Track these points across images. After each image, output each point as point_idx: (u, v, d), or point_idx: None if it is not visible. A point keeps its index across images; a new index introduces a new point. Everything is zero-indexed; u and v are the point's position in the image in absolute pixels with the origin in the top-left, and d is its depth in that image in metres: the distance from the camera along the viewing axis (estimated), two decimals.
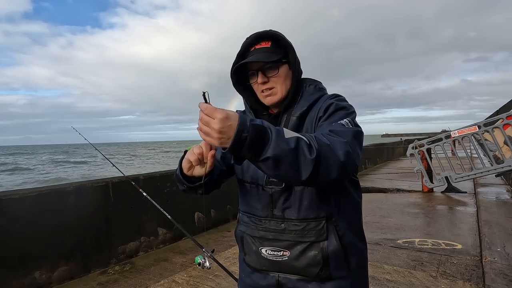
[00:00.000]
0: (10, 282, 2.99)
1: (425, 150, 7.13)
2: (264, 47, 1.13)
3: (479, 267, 3.37)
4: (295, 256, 1.09)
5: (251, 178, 1.17)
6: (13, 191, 3.23)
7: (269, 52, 1.12)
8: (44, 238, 3.27)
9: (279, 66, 1.14)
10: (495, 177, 7.77)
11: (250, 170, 1.18)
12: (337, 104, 1.08)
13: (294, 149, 0.81)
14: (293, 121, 1.13)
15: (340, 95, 1.17)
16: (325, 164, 0.83)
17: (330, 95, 1.17)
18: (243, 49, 1.16)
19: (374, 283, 3.12)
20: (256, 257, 1.17)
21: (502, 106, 10.09)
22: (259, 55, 1.12)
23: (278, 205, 1.11)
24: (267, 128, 0.82)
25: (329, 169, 0.84)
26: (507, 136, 6.00)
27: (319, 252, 1.07)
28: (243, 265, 1.26)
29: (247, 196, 1.20)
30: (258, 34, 1.14)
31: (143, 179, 4.36)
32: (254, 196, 1.17)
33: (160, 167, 34.97)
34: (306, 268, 1.09)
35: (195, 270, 3.57)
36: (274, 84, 1.14)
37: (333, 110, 1.07)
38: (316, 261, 1.08)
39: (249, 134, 0.78)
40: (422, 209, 6.05)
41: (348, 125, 0.99)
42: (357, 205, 1.19)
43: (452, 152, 8.16)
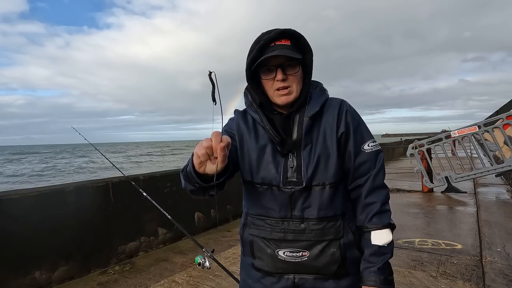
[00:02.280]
0: (10, 282, 2.99)
1: (425, 150, 7.12)
2: (285, 44, 1.10)
3: (479, 267, 3.37)
4: (314, 256, 1.11)
5: (262, 180, 1.15)
6: (13, 191, 3.23)
7: (289, 49, 1.09)
8: (44, 238, 3.27)
9: (298, 66, 1.12)
10: (495, 177, 7.77)
11: (261, 171, 1.15)
12: (354, 117, 1.18)
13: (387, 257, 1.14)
14: (306, 121, 1.13)
15: (346, 102, 1.21)
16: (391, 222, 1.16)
17: (340, 102, 1.19)
18: (264, 43, 1.08)
19: None
20: (271, 261, 1.15)
21: (502, 106, 10.09)
22: (283, 50, 1.07)
23: (297, 205, 1.11)
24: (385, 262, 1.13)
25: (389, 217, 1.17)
26: (507, 136, 6.00)
27: (337, 249, 1.11)
28: (251, 270, 1.22)
29: (259, 198, 1.16)
30: (281, 30, 1.10)
31: (143, 179, 4.36)
32: (268, 198, 1.14)
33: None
34: (325, 267, 1.11)
35: (195, 270, 3.57)
36: (291, 83, 1.12)
37: (355, 127, 1.16)
38: (335, 258, 1.11)
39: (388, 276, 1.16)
40: (422, 209, 6.05)
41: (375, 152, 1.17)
42: None
43: (452, 152, 8.16)
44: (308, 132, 1.13)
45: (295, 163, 1.11)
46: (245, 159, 1.17)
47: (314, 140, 1.13)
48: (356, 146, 1.15)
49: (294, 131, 1.13)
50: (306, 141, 1.12)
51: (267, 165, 1.14)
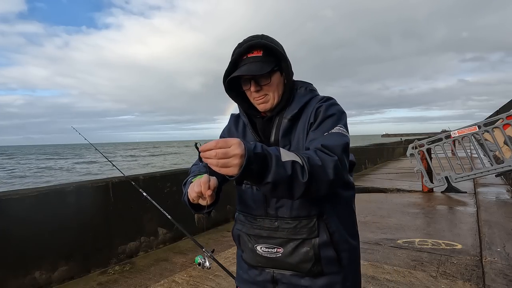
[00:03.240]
0: (10, 282, 2.99)
1: (425, 150, 7.13)
2: (256, 56, 1.14)
3: (479, 267, 3.37)
4: (288, 253, 1.13)
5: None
6: (13, 191, 3.23)
7: (261, 61, 1.13)
8: (44, 238, 3.27)
9: (272, 75, 1.15)
10: (495, 177, 7.77)
11: None
12: (327, 109, 1.13)
13: (290, 175, 0.87)
14: (284, 123, 1.16)
15: (331, 98, 1.20)
16: (315, 184, 0.92)
17: (320, 98, 1.19)
18: (236, 57, 1.15)
19: (374, 283, 3.12)
20: (252, 254, 1.21)
21: (502, 106, 10.09)
22: (252, 66, 1.12)
23: (271, 204, 1.15)
24: (267, 155, 0.86)
25: (319, 187, 0.94)
26: (507, 136, 6.00)
27: (311, 248, 1.11)
28: (241, 262, 1.30)
29: (243, 196, 1.24)
30: (250, 44, 1.13)
31: (143, 179, 4.36)
32: (249, 196, 1.21)
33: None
34: (298, 264, 1.13)
35: (195, 270, 3.57)
36: (267, 91, 1.16)
37: (323, 117, 1.11)
38: (308, 257, 1.11)
39: (255, 164, 0.83)
40: (422, 209, 6.05)
41: (339, 134, 1.05)
42: (348, 203, 1.22)
43: (452, 152, 8.17)
44: (286, 134, 1.16)
45: None
46: None
47: (292, 141, 1.16)
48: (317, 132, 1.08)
49: (272, 133, 1.18)
50: (284, 143, 1.16)
51: None
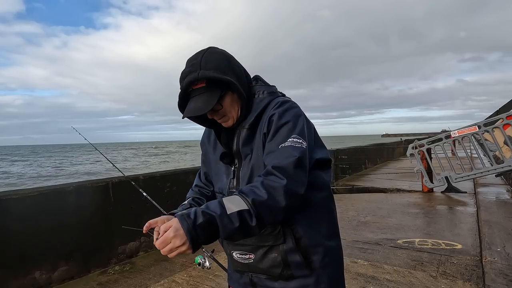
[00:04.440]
0: (10, 282, 2.99)
1: (425, 150, 7.13)
2: (200, 88, 1.12)
3: (479, 267, 3.37)
4: (259, 259, 1.16)
5: (218, 189, 1.30)
6: (13, 191, 3.23)
7: (206, 93, 1.12)
8: (44, 238, 3.27)
9: (222, 100, 1.15)
10: (495, 177, 7.77)
11: (218, 181, 1.29)
12: (280, 117, 1.10)
13: (239, 226, 0.94)
14: (244, 133, 1.18)
15: (286, 102, 1.16)
16: (268, 217, 0.97)
17: (275, 104, 1.15)
18: (182, 92, 1.14)
19: (374, 283, 3.12)
20: (231, 259, 1.27)
21: (502, 106, 10.09)
22: (197, 104, 1.11)
23: None
24: (211, 219, 0.92)
25: (274, 217, 0.99)
26: (507, 136, 6.00)
27: (278, 254, 1.13)
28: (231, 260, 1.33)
29: None
30: (189, 80, 1.11)
31: (143, 179, 4.36)
32: None
33: None
34: (269, 269, 1.16)
35: (195, 270, 3.57)
36: (224, 112, 1.17)
37: (276, 127, 1.09)
38: (276, 262, 1.14)
39: (201, 235, 0.92)
40: (422, 209, 6.05)
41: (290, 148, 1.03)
42: (321, 204, 1.20)
43: (452, 152, 8.17)
44: (247, 143, 1.17)
45: (235, 174, 1.20)
46: (210, 171, 1.35)
47: (253, 149, 1.16)
48: (272, 145, 1.07)
49: (234, 144, 1.20)
50: (245, 152, 1.18)
51: (221, 175, 1.27)
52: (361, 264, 3.57)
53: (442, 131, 7.94)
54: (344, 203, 6.84)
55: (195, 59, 1.14)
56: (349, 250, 3.99)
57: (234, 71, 1.16)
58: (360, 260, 3.66)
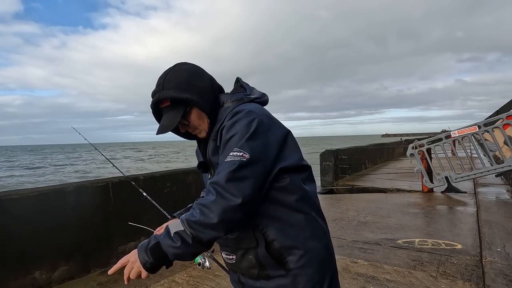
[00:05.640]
0: (10, 282, 2.99)
1: (425, 150, 7.13)
2: (167, 106, 1.23)
3: (479, 267, 3.37)
4: (239, 259, 1.23)
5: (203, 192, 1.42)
6: (13, 191, 3.23)
7: (172, 111, 1.22)
8: (44, 238, 3.27)
9: (188, 117, 1.23)
10: (495, 177, 7.76)
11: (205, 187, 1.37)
12: (228, 130, 1.12)
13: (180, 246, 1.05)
14: (211, 144, 1.22)
15: (240, 111, 1.15)
16: (205, 234, 1.04)
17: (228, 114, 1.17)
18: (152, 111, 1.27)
19: (374, 283, 3.12)
20: (222, 259, 1.34)
21: (502, 106, 10.10)
22: (164, 122, 1.22)
23: None
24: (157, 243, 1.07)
25: (211, 233, 1.05)
26: (507, 136, 6.00)
27: (253, 256, 1.19)
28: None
29: None
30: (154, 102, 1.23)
31: (143, 179, 4.35)
32: None
33: None
34: (248, 270, 1.22)
35: (195, 270, 3.57)
36: (194, 126, 1.26)
37: (224, 141, 1.12)
38: (253, 264, 1.20)
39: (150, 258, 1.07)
40: (422, 209, 6.05)
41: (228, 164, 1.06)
42: (294, 207, 1.18)
43: (452, 152, 8.17)
44: (214, 153, 1.21)
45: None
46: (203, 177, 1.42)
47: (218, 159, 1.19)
48: (220, 161, 1.12)
49: (206, 154, 1.26)
50: (215, 161, 1.21)
51: (206, 183, 1.35)
52: (361, 264, 3.57)
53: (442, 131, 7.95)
54: (344, 203, 6.84)
55: (160, 79, 1.25)
56: (349, 250, 3.99)
57: (195, 86, 1.23)
58: (360, 260, 3.67)
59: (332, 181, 9.88)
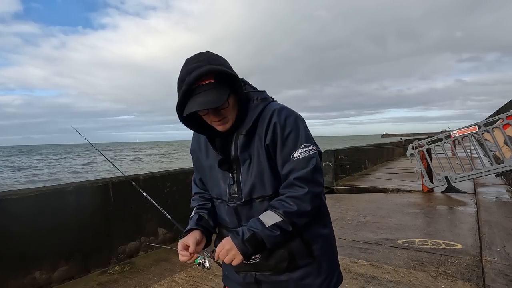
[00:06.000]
0: (10, 282, 2.99)
1: (425, 150, 7.13)
2: (208, 84, 1.09)
3: (479, 267, 3.37)
4: (265, 258, 1.23)
5: (216, 195, 1.32)
6: (13, 191, 3.23)
7: (215, 89, 1.09)
8: (44, 238, 3.27)
9: (228, 99, 1.14)
10: (495, 177, 7.76)
11: (215, 187, 1.31)
12: (283, 127, 1.17)
13: (279, 234, 1.12)
14: (241, 139, 1.20)
15: (283, 109, 1.21)
16: (300, 221, 1.15)
17: (272, 111, 1.20)
18: (187, 88, 1.08)
19: (374, 283, 3.12)
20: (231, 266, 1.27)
21: (502, 106, 10.10)
22: (208, 98, 1.08)
23: (243, 216, 1.25)
24: (255, 234, 1.12)
25: (305, 220, 1.16)
26: (507, 136, 6.00)
27: (286, 250, 1.22)
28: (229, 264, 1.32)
29: (219, 210, 1.35)
30: (200, 72, 1.07)
31: (143, 179, 4.36)
32: (222, 210, 1.31)
33: None
34: (276, 265, 1.24)
35: (195, 270, 3.57)
36: (225, 115, 1.16)
37: (283, 137, 1.16)
38: (283, 258, 1.22)
39: (249, 248, 1.12)
40: (422, 209, 6.05)
41: (305, 159, 1.15)
42: None
43: (452, 152, 8.17)
44: (245, 149, 1.20)
45: (235, 180, 1.24)
46: (205, 177, 1.37)
47: (252, 156, 1.20)
48: (285, 155, 1.17)
49: (231, 150, 1.22)
50: (244, 157, 1.21)
51: (217, 181, 1.29)
52: (361, 264, 3.57)
53: (442, 131, 7.94)
54: (344, 203, 6.84)
55: (201, 56, 1.12)
56: (349, 250, 3.99)
57: (235, 71, 1.17)
58: (360, 260, 3.66)
59: (332, 181, 9.89)
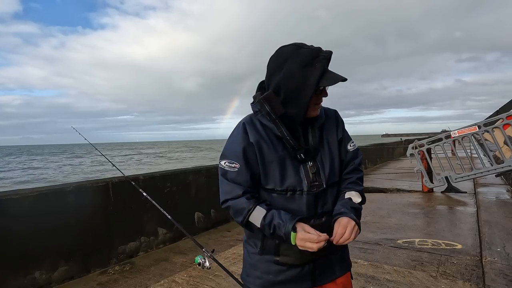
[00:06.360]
0: (10, 282, 2.99)
1: (425, 150, 7.12)
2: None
3: (479, 267, 3.37)
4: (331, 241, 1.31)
5: (287, 187, 1.29)
6: (13, 191, 3.23)
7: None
8: (44, 238, 3.27)
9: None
10: (495, 177, 7.76)
11: (286, 179, 1.28)
12: (343, 123, 1.47)
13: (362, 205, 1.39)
14: (317, 131, 1.35)
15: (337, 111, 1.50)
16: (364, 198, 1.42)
17: (334, 110, 1.47)
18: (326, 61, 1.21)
19: (374, 283, 3.12)
20: (299, 255, 1.28)
21: (502, 106, 10.09)
22: (338, 75, 1.22)
23: (319, 204, 1.32)
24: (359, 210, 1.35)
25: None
26: (507, 136, 6.00)
27: None
28: (272, 266, 1.34)
29: (284, 204, 1.29)
30: (330, 54, 1.23)
31: (143, 179, 4.36)
32: (292, 202, 1.30)
33: None
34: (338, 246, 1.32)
35: (195, 270, 3.57)
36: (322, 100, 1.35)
37: (345, 133, 1.45)
38: None
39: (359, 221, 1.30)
40: (422, 209, 6.05)
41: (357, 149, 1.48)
42: None
43: (452, 152, 8.17)
44: (321, 140, 1.36)
45: (314, 169, 1.31)
46: (268, 170, 1.29)
47: (323, 147, 1.36)
48: (345, 147, 1.44)
49: (310, 140, 1.32)
50: (321, 147, 1.35)
51: (290, 172, 1.29)
52: (361, 264, 3.57)
53: (442, 131, 7.94)
54: None
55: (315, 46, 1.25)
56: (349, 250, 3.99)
57: None
58: (360, 260, 3.67)
59: None
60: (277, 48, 1.27)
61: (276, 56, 1.25)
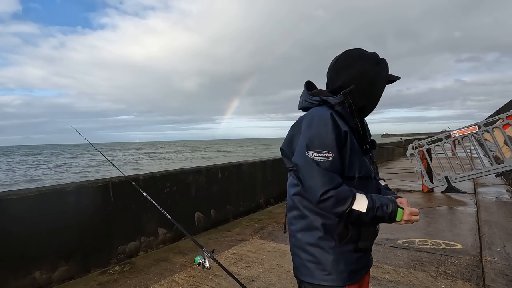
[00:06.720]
0: (10, 282, 2.99)
1: (425, 150, 7.13)
2: None
3: (479, 267, 3.37)
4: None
5: (364, 173, 1.39)
6: (13, 191, 3.23)
7: None
8: (44, 238, 3.27)
9: None
10: (495, 177, 7.77)
11: (363, 167, 1.39)
12: None
13: None
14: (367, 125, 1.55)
15: None
16: None
17: None
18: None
19: (374, 283, 3.12)
20: (374, 236, 1.42)
21: (502, 106, 10.09)
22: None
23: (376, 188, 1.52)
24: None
25: None
26: (507, 136, 6.00)
27: None
28: (351, 255, 1.35)
29: (363, 188, 1.35)
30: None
31: (143, 179, 4.35)
32: (367, 187, 1.39)
33: None
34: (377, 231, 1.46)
35: (195, 270, 3.57)
36: None
37: None
38: None
39: None
40: (422, 209, 6.04)
41: None
42: None
43: (452, 152, 8.17)
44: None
45: (373, 159, 1.52)
46: (353, 158, 1.35)
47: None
48: None
49: (367, 133, 1.49)
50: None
51: (365, 161, 1.41)
52: None
53: (442, 131, 7.94)
54: None
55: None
56: None
57: None
58: None
59: None
60: (344, 51, 1.43)
61: (345, 56, 1.41)
